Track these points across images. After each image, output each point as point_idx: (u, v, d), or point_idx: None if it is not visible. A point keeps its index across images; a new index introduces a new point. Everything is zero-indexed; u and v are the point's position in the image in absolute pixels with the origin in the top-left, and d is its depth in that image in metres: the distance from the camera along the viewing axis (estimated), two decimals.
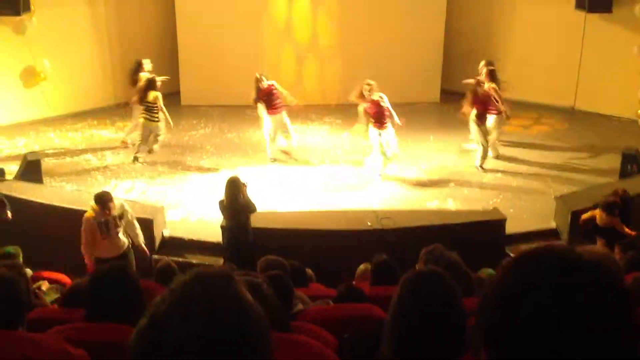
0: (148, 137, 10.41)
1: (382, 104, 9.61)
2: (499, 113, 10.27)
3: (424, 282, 2.43)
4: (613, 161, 10.09)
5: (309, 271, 5.81)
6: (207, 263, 7.53)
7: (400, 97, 11.29)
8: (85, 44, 12.96)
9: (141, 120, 10.37)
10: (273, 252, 5.39)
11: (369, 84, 9.61)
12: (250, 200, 7.33)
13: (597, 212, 7.06)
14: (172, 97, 13.82)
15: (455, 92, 13.42)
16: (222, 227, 7.61)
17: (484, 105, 10.02)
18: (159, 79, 10.54)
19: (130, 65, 11.20)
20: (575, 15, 12.49)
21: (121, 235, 6.95)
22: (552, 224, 8.44)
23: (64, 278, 5.95)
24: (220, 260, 7.44)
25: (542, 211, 8.77)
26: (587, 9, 12.11)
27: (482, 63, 10.53)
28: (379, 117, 9.61)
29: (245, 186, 7.34)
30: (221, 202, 7.36)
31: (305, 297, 4.55)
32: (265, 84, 10.27)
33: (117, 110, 13.21)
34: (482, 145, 10.06)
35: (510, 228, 8.02)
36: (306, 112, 12.35)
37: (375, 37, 13.31)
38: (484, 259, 6.67)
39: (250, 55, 13.02)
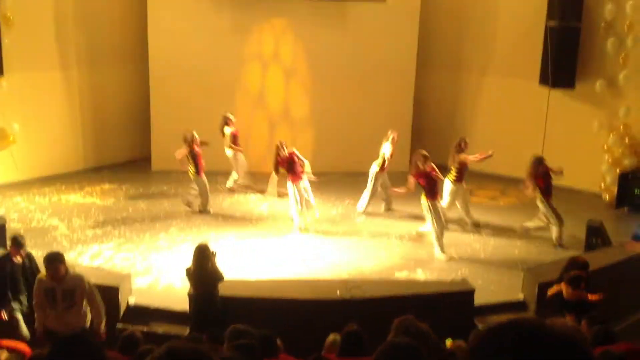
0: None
1: (295, 158, 10.50)
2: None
3: (396, 354, 2.43)
4: (578, 234, 10.28)
5: (278, 341, 5.72)
6: (173, 332, 7.38)
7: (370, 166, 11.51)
8: (57, 108, 12.98)
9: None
10: (241, 321, 5.32)
11: (280, 142, 10.64)
12: (218, 269, 7.26)
13: (563, 286, 7.15)
14: (143, 162, 13.85)
15: None
16: (189, 295, 7.49)
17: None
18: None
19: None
20: (539, 91, 12.96)
21: (76, 313, 6.36)
22: (520, 296, 8.49)
23: (24, 347, 5.76)
24: (187, 330, 7.29)
25: (510, 283, 8.83)
26: (551, 85, 12.59)
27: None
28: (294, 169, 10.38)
29: (214, 255, 7.28)
30: (188, 270, 7.27)
31: None
32: (285, 151, 10.47)
33: (86, 175, 13.15)
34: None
35: (479, 299, 8.05)
36: (279, 179, 12.40)
37: (346, 108, 13.61)
38: (453, 330, 6.65)
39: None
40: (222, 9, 13.23)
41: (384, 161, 11.17)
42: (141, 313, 7.90)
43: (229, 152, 12.24)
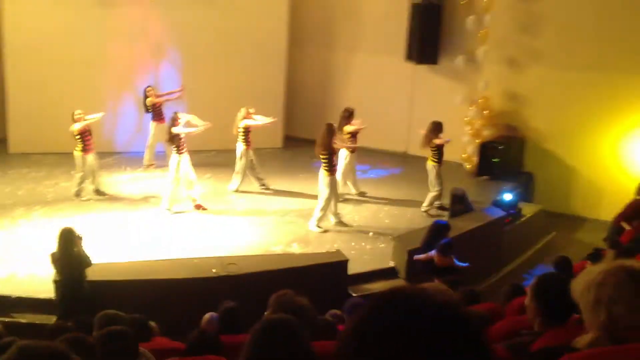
0: None
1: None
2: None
3: (272, 331, 2.41)
4: (443, 201, 10.80)
5: (152, 324, 5.56)
6: (38, 322, 6.98)
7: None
8: None
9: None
10: (113, 306, 5.11)
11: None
12: (85, 254, 6.93)
13: (435, 254, 7.52)
14: (0, 144, 12.93)
15: (297, 138, 13.87)
16: (54, 281, 7.10)
17: None
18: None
19: None
20: (405, 67, 13.40)
21: None
22: (391, 263, 8.80)
23: None
24: (53, 318, 6.92)
25: (381, 251, 9.13)
26: (416, 61, 13.05)
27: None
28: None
29: (80, 239, 6.94)
30: (53, 255, 6.89)
31: (147, 352, 4.34)
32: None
33: None
34: None
35: (353, 269, 8.26)
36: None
37: (217, 86, 13.36)
38: (328, 300, 6.79)
39: (84, 100, 12.52)
40: None
41: (247, 137, 11.09)
42: (2, 304, 7.40)
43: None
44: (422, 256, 7.67)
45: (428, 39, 12.93)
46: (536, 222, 11.00)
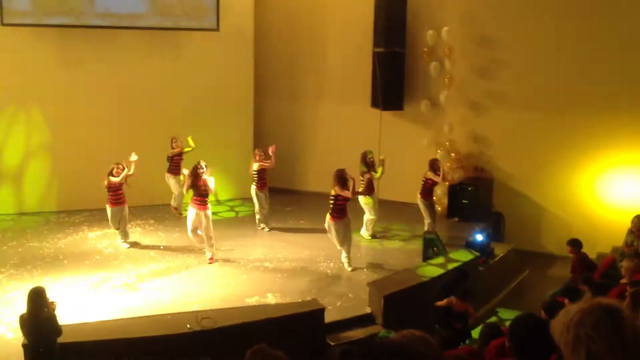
0: None
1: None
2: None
3: None
4: (416, 245, 10.84)
5: None
6: None
7: (216, 194, 11.46)
8: None
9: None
10: None
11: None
12: (56, 322, 6.70)
13: (453, 300, 7.59)
14: None
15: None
16: (23, 345, 6.88)
17: None
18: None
19: None
20: (372, 113, 13.60)
21: None
22: (367, 309, 8.75)
23: None
24: None
25: (356, 297, 9.08)
26: (382, 108, 13.27)
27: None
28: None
29: (54, 305, 6.74)
30: (22, 317, 6.69)
31: None
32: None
33: None
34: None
35: (329, 317, 8.19)
36: None
37: (184, 139, 13.37)
38: (307, 351, 6.71)
39: (47, 160, 12.47)
40: (45, 41, 12.49)
41: (260, 178, 11.70)
42: None
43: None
44: (443, 302, 7.69)
45: (393, 85, 13.18)
46: (508, 261, 11.09)
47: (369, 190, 11.13)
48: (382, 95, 13.16)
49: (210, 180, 9.95)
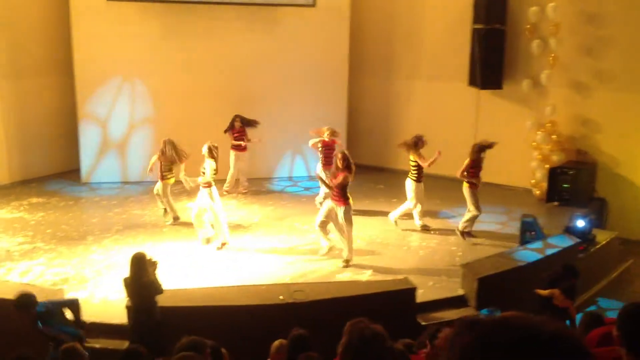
0: None
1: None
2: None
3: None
4: (512, 228, 10.55)
5: (223, 350, 5.59)
6: (111, 347, 7.11)
7: (311, 171, 11.57)
8: None
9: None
10: (182, 331, 5.15)
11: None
12: (157, 280, 7.03)
13: (556, 293, 7.30)
14: (72, 174, 13.42)
15: (359, 165, 13.80)
16: (127, 307, 7.24)
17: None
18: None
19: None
20: (469, 92, 13.26)
21: None
22: (460, 292, 8.61)
23: None
24: (126, 343, 7.03)
25: (449, 279, 8.95)
26: (480, 86, 12.90)
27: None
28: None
29: (154, 265, 7.05)
30: (125, 280, 7.03)
31: None
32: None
33: (13, 189, 12.62)
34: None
35: (420, 297, 8.11)
36: None
37: (279, 115, 13.53)
38: (397, 328, 6.66)
39: (152, 133, 12.93)
40: (149, 16, 12.93)
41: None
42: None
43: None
44: (545, 291, 7.43)
45: (492, 63, 12.76)
46: (611, 249, 10.58)
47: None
48: (481, 74, 12.78)
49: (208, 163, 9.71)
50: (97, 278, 8.87)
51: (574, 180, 12.11)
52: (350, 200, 9.36)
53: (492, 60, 12.76)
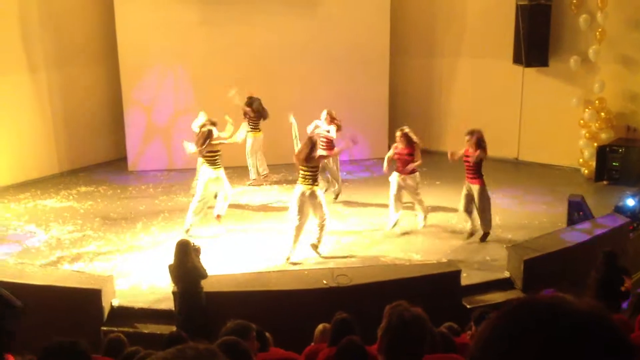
0: None
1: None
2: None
3: None
4: (559, 209, 10.32)
5: (267, 334, 5.64)
6: (159, 332, 7.26)
7: (351, 154, 11.52)
8: (27, 112, 12.64)
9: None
10: (227, 316, 5.22)
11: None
12: (201, 266, 7.13)
13: (628, 281, 6.94)
14: (119, 162, 13.67)
15: None
16: (173, 293, 7.37)
17: None
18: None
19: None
20: (513, 70, 12.97)
21: None
22: (506, 274, 8.49)
23: (9, 358, 5.60)
24: (173, 328, 7.17)
25: (494, 261, 8.83)
26: (525, 64, 12.61)
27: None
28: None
29: (198, 251, 7.16)
30: (170, 267, 7.16)
31: None
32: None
33: (61, 179, 12.93)
34: None
35: (464, 279, 8.03)
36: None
37: (321, 98, 13.45)
38: (441, 312, 6.62)
39: (192, 118, 13.05)
40: (189, 2, 13.02)
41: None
42: (126, 314, 7.76)
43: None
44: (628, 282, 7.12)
45: (537, 40, 12.45)
46: None
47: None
48: (526, 51, 12.49)
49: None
50: (145, 264, 9.04)
51: (623, 159, 11.79)
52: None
53: (538, 36, 12.44)
